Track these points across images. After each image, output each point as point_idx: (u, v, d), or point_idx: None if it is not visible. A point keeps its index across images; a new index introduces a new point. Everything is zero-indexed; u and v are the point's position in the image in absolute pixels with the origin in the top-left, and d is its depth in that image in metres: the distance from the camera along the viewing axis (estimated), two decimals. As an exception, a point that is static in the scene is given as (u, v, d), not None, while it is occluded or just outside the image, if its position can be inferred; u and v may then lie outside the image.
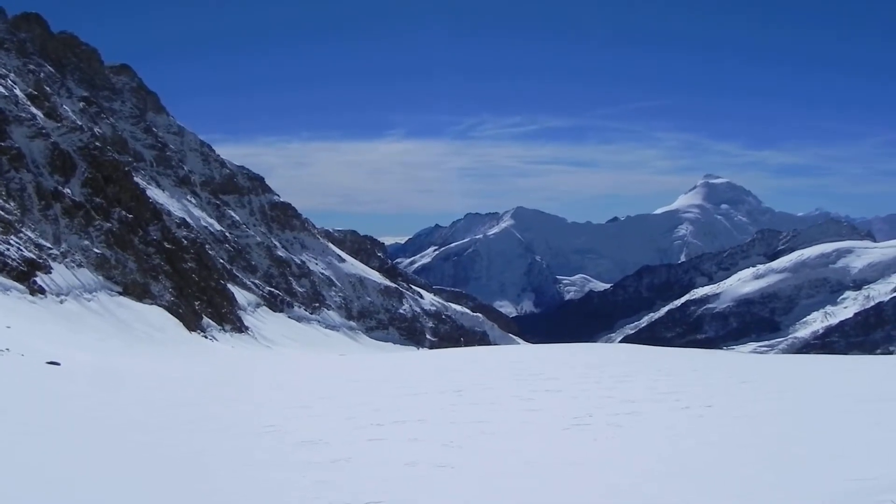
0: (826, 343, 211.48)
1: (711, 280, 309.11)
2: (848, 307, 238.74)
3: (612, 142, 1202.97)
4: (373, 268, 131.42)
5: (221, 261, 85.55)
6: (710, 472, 8.31)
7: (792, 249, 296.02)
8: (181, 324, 47.44)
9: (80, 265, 43.93)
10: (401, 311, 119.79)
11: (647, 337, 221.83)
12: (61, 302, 38.29)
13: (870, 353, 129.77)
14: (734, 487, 7.60)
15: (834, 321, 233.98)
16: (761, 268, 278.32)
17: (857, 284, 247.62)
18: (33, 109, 50.48)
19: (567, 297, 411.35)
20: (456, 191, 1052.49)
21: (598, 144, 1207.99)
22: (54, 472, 8.13)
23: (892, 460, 8.34)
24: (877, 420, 11.16)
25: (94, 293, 42.53)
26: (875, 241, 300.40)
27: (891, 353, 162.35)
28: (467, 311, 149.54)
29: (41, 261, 39.93)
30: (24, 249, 39.11)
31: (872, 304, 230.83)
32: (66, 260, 42.99)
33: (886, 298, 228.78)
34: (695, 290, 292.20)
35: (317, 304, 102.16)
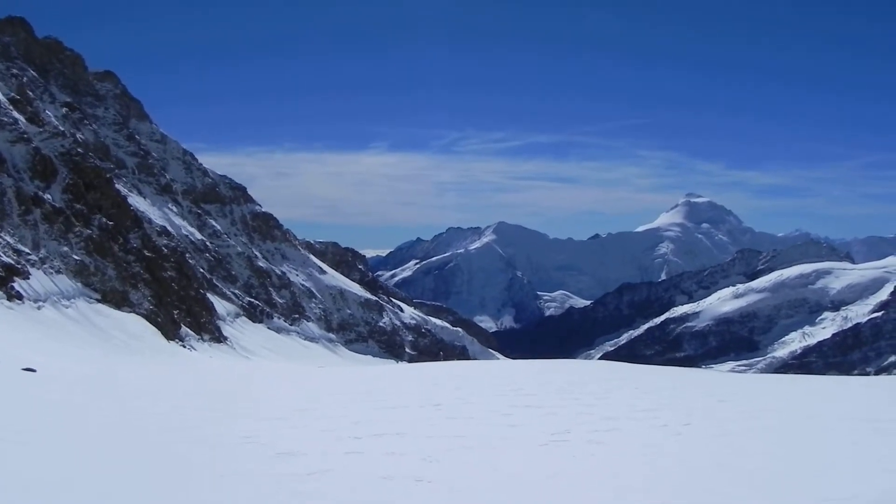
0: (804, 363, 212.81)
1: (691, 298, 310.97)
2: (826, 328, 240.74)
3: (596, 159, 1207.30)
4: (353, 280, 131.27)
5: (201, 270, 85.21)
6: (689, 489, 8.32)
7: (771, 269, 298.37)
8: (159, 332, 47.17)
9: (58, 271, 43.64)
10: (381, 324, 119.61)
11: (627, 354, 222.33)
12: (39, 308, 38.01)
13: (847, 374, 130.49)
14: (711, 506, 7.61)
15: (812, 341, 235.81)
16: (741, 287, 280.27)
17: (836, 305, 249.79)
18: (15, 114, 50.21)
19: (547, 313, 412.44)
20: (439, 204, 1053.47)
21: (581, 161, 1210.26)
22: (29, 479, 8.05)
23: (870, 479, 8.39)
24: (854, 440, 11.23)
25: (72, 300, 42.24)
26: (854, 262, 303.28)
27: (867, 374, 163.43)
28: (447, 325, 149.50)
29: (19, 266, 39.65)
30: (2, 254, 38.84)
31: (850, 325, 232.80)
32: (45, 266, 42.71)
33: (864, 320, 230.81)
34: (674, 308, 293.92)
35: (296, 316, 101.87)
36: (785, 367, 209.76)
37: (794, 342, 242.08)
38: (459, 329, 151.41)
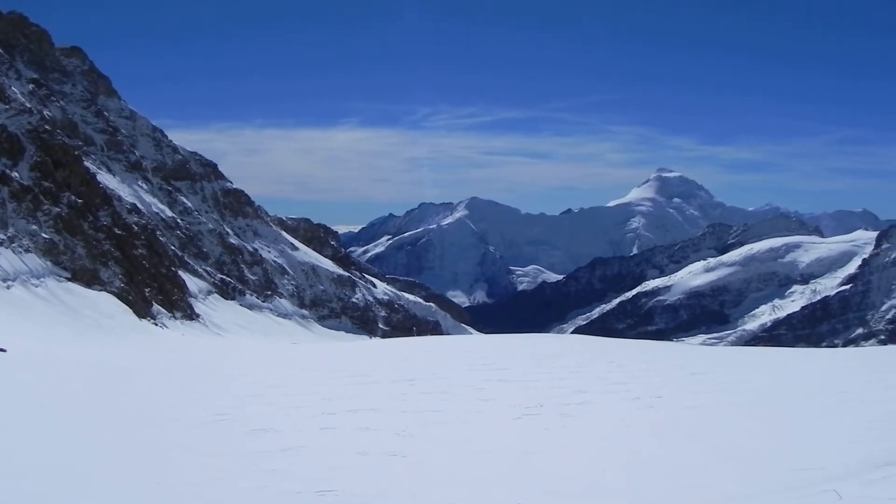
0: (774, 336, 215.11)
1: (663, 273, 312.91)
2: (795, 301, 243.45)
3: (567, 134, 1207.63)
4: (326, 256, 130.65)
5: (172, 247, 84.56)
6: (660, 461, 8.41)
7: (742, 243, 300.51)
8: (131, 310, 46.82)
9: (27, 250, 43.18)
10: (353, 299, 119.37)
11: (599, 328, 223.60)
12: (8, 288, 37.64)
13: (816, 346, 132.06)
14: (684, 477, 7.70)
15: (782, 314, 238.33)
16: (712, 261, 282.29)
17: (805, 279, 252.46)
18: (-20, 91, 49.50)
19: (520, 287, 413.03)
20: (411, 180, 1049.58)
21: (553, 136, 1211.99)
22: (1, 461, 8.00)
23: (836, 451, 8.51)
24: (821, 412, 11.38)
25: (41, 279, 41.83)
26: (823, 236, 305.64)
27: (835, 345, 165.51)
28: (420, 300, 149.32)
29: (-13, 245, 39.21)
30: (-31, 233, 38.41)
31: (819, 297, 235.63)
32: (14, 245, 42.25)
33: (832, 293, 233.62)
34: (646, 282, 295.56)
35: (269, 292, 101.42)
36: (755, 339, 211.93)
37: (764, 315, 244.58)
38: (432, 304, 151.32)
